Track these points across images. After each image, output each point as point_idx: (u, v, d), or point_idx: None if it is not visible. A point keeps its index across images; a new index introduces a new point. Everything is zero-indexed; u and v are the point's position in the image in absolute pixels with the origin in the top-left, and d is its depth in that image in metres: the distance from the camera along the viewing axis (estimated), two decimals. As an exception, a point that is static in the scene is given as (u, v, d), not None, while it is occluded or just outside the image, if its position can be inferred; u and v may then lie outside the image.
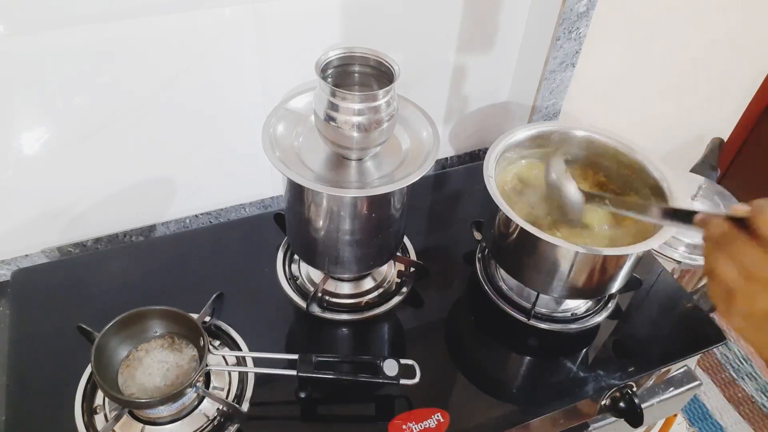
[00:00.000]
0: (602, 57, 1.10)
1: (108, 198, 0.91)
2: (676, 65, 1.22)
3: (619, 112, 1.26)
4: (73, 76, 0.76)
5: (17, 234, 0.89)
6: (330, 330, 0.85)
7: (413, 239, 0.95)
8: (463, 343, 0.84)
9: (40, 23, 0.70)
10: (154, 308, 0.72)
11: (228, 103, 0.88)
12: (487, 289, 0.88)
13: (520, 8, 0.99)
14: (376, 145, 0.71)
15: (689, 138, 1.46)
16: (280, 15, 0.82)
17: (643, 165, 0.82)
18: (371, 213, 0.74)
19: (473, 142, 1.18)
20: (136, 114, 0.83)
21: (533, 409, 0.76)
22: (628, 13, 1.05)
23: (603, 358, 0.82)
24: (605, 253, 0.72)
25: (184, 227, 1.01)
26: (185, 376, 0.69)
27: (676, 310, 0.91)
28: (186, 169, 0.94)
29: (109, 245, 0.97)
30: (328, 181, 0.71)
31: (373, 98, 0.66)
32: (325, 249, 0.78)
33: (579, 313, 0.87)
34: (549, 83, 1.05)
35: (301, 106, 0.77)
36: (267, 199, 1.05)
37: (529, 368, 0.82)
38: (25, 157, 0.81)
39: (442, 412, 0.73)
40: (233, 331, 0.80)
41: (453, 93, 1.06)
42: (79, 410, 0.70)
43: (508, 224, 0.77)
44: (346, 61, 0.71)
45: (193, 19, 0.77)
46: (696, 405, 1.60)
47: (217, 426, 0.71)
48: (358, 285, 0.88)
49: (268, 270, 0.90)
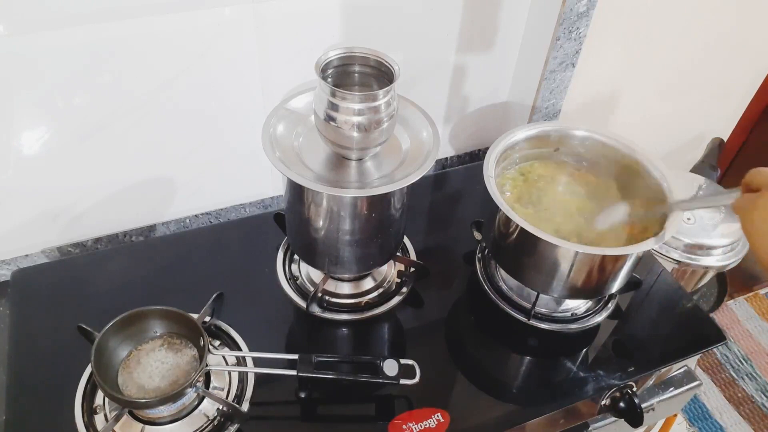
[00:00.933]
0: (602, 57, 1.10)
1: (108, 198, 0.91)
2: (676, 65, 1.22)
3: (619, 112, 1.26)
4: (73, 76, 0.76)
5: (17, 234, 0.89)
6: (330, 330, 0.85)
7: (413, 239, 0.95)
8: (463, 343, 0.84)
9: (40, 23, 0.70)
10: (154, 308, 0.72)
11: (228, 103, 0.88)
12: (487, 289, 0.88)
13: (520, 8, 0.99)
14: (376, 145, 0.71)
15: (689, 138, 1.46)
16: (280, 15, 0.82)
17: (643, 165, 0.82)
18: (371, 213, 0.74)
19: (473, 142, 1.18)
20: (136, 114, 0.83)
21: (533, 409, 0.76)
22: (628, 13, 1.05)
23: (603, 358, 0.82)
24: (605, 253, 0.72)
25: (184, 227, 1.01)
26: (185, 376, 0.69)
27: (676, 310, 0.91)
28: (186, 169, 0.94)
29: (109, 245, 0.97)
30: (328, 181, 0.71)
31: (373, 98, 0.66)
32: (325, 249, 0.78)
33: (579, 313, 0.87)
34: (549, 83, 1.05)
35: (301, 106, 0.77)
36: (267, 199, 1.05)
37: (529, 368, 0.82)
38: (25, 157, 0.81)
39: (442, 412, 0.73)
40: (233, 331, 0.80)
41: (453, 93, 1.06)
42: (79, 410, 0.70)
43: (508, 224, 0.77)
44: (346, 61, 0.71)
45: (193, 19, 0.77)
46: (696, 405, 1.60)
47: (217, 426, 0.71)
48: (358, 285, 0.88)
49: (268, 270, 0.90)
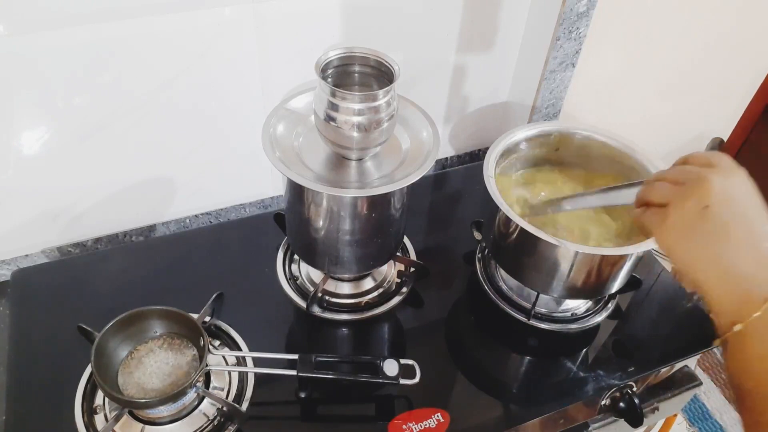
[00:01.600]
0: (602, 57, 1.10)
1: (108, 198, 0.91)
2: (676, 65, 1.22)
3: (619, 112, 1.26)
4: (73, 76, 0.76)
5: (17, 234, 0.89)
6: (330, 330, 0.85)
7: (413, 239, 0.95)
8: (463, 343, 0.84)
9: (40, 23, 0.70)
10: (154, 308, 0.72)
11: (228, 103, 0.88)
12: (487, 289, 0.88)
13: (520, 8, 0.99)
14: (376, 145, 0.71)
15: (689, 138, 1.46)
16: (280, 15, 0.82)
17: (643, 165, 0.82)
18: (371, 213, 0.74)
19: (473, 142, 1.18)
20: (136, 114, 0.83)
21: (533, 409, 0.76)
22: (628, 13, 1.05)
23: (603, 358, 0.82)
24: (605, 253, 0.72)
25: (184, 227, 1.01)
26: (185, 376, 0.69)
27: (676, 310, 0.91)
28: (186, 169, 0.94)
29: (109, 245, 0.97)
30: (328, 181, 0.71)
31: (373, 98, 0.66)
32: (325, 249, 0.78)
33: (579, 313, 0.87)
34: (549, 83, 1.05)
35: (301, 106, 0.77)
36: (267, 199, 1.05)
37: (529, 368, 0.82)
38: (25, 157, 0.81)
39: (442, 412, 0.73)
40: (233, 331, 0.80)
41: (453, 93, 1.06)
42: (79, 410, 0.70)
43: (508, 224, 0.77)
44: (346, 61, 0.71)
45: (193, 19, 0.77)
46: (696, 405, 1.60)
47: (217, 426, 0.71)
48: (358, 285, 0.88)
49: (268, 270, 0.90)
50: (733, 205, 0.47)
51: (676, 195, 0.49)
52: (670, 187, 0.50)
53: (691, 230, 0.48)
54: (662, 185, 0.51)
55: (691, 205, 0.47)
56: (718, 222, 0.47)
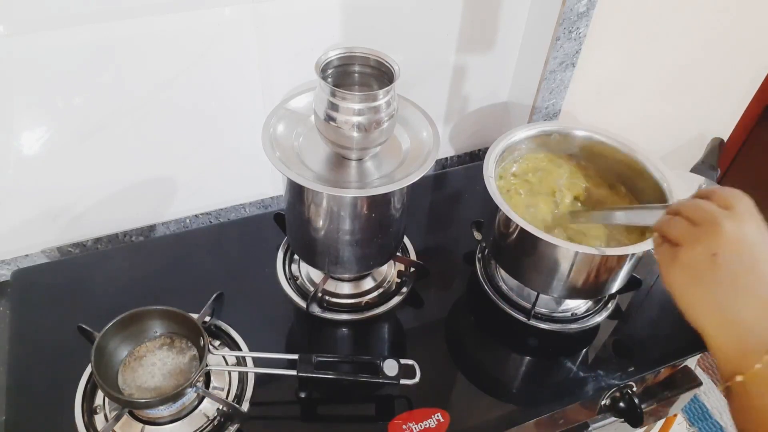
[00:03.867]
0: (602, 57, 1.10)
1: (108, 198, 0.91)
2: (676, 65, 1.22)
3: (619, 112, 1.26)
4: (74, 76, 0.76)
5: (17, 234, 0.89)
6: (330, 330, 0.85)
7: (413, 239, 0.95)
8: (463, 343, 0.84)
9: (40, 23, 0.70)
10: (154, 308, 0.72)
11: (228, 103, 0.88)
12: (487, 289, 0.88)
13: (520, 8, 0.99)
14: (376, 145, 0.71)
15: (689, 138, 1.46)
16: (280, 15, 0.82)
17: (643, 165, 0.82)
18: (371, 213, 0.74)
19: (473, 142, 1.18)
20: (136, 114, 0.83)
21: (533, 409, 0.76)
22: (628, 13, 1.05)
23: (603, 358, 0.82)
24: (605, 253, 0.72)
25: (184, 227, 1.01)
26: (185, 376, 0.69)
27: (676, 310, 0.90)
28: (186, 169, 0.94)
29: (109, 245, 0.97)
30: (328, 181, 0.71)
31: (373, 98, 0.66)
32: (325, 249, 0.78)
33: (579, 313, 0.87)
34: (549, 83, 1.05)
35: (301, 106, 0.77)
36: (267, 199, 1.05)
37: (529, 368, 0.82)
38: (25, 157, 0.81)
39: (442, 412, 0.73)
40: (233, 331, 0.80)
41: (453, 93, 1.06)
42: (79, 410, 0.70)
43: (508, 224, 0.77)
44: (346, 61, 0.71)
45: (193, 19, 0.77)
46: (696, 405, 1.60)
47: (217, 426, 0.71)
48: (358, 285, 0.88)
49: (268, 270, 0.90)
50: (743, 255, 0.46)
51: (688, 237, 0.49)
52: (685, 226, 0.49)
53: (697, 276, 0.48)
54: (678, 222, 0.50)
55: (701, 251, 0.47)
56: (724, 271, 0.46)
